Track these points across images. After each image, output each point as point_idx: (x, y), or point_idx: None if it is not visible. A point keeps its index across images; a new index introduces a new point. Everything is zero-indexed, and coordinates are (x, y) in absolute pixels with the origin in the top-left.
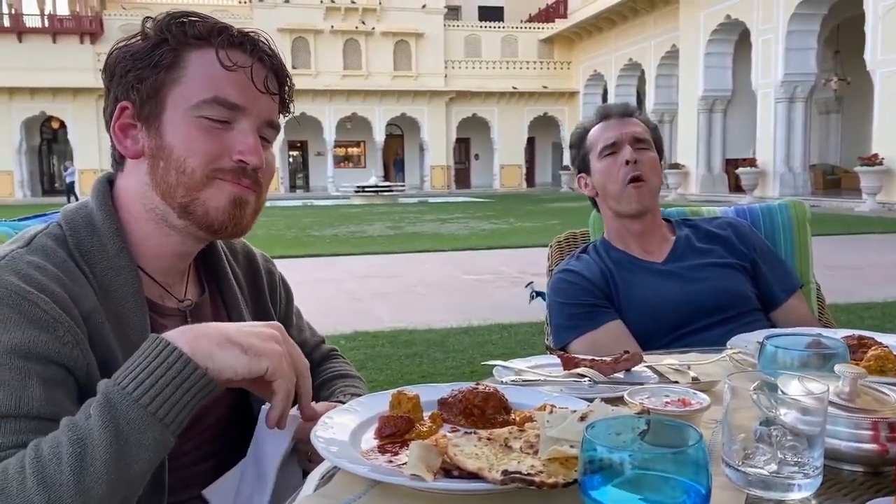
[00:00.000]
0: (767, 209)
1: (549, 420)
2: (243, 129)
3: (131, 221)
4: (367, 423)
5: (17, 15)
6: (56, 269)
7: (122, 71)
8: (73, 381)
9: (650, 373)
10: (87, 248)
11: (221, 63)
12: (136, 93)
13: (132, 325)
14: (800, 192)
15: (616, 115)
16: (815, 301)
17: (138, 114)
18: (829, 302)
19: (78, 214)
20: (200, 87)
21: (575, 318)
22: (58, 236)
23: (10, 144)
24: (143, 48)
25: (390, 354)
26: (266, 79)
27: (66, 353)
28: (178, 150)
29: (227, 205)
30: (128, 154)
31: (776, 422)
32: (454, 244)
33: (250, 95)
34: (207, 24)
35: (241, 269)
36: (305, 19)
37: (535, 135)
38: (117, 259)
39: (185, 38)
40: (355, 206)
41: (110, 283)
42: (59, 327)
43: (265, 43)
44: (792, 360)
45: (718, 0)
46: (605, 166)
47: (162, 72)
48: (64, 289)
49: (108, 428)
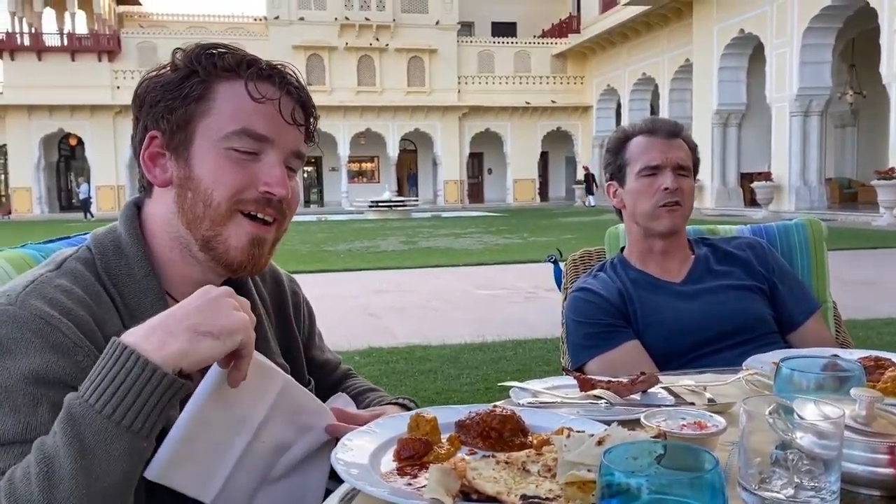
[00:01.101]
0: (784, 228)
1: (566, 444)
2: (270, 161)
3: (158, 247)
4: (385, 446)
5: (36, 34)
6: (83, 292)
7: (151, 101)
8: None
9: (666, 394)
10: (115, 271)
11: (250, 95)
12: (166, 123)
13: None
14: (816, 206)
15: (663, 133)
16: (831, 320)
17: (168, 144)
18: (846, 318)
19: (107, 238)
20: (229, 118)
21: (592, 338)
22: (87, 260)
23: (30, 161)
24: (174, 80)
25: (405, 370)
26: (293, 111)
27: (83, 378)
28: (205, 182)
29: (246, 244)
30: (157, 182)
31: (792, 445)
32: (468, 259)
33: (278, 127)
34: (237, 56)
35: (268, 291)
36: (320, 37)
37: (549, 149)
38: (145, 282)
39: (215, 69)
40: (369, 221)
41: (137, 306)
42: (79, 352)
43: (293, 75)
44: (808, 382)
45: (732, 14)
46: (642, 186)
47: (192, 103)
48: (89, 312)
49: (73, 444)
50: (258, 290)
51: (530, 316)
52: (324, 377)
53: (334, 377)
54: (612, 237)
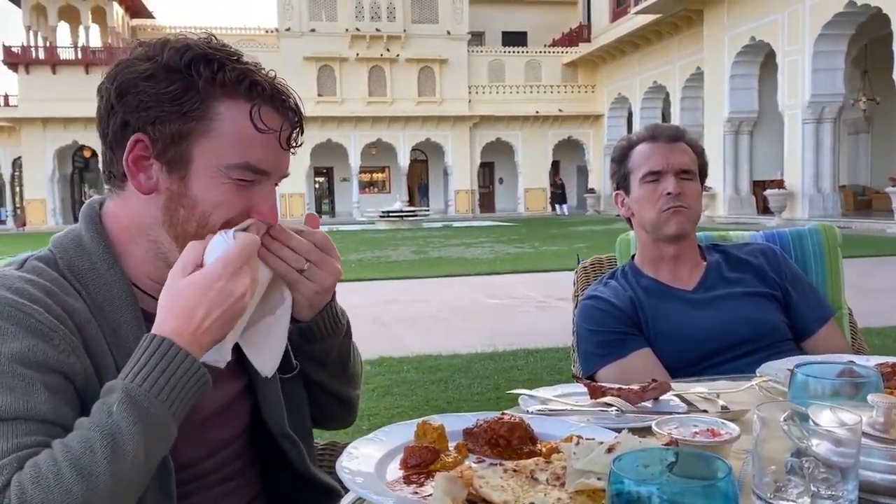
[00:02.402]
0: (797, 234)
1: (575, 452)
2: (265, 192)
3: (126, 243)
4: (392, 454)
5: (51, 48)
6: (48, 283)
7: (140, 102)
8: (72, 389)
9: (678, 401)
10: (77, 267)
11: (255, 125)
12: (158, 133)
13: (129, 335)
14: (829, 213)
15: (665, 138)
16: (847, 327)
17: (159, 154)
18: (862, 326)
19: (66, 238)
20: (232, 147)
21: (603, 346)
22: (48, 258)
23: (44, 173)
24: (172, 91)
25: (416, 380)
26: (290, 137)
27: (64, 360)
28: (203, 205)
29: None
30: (140, 189)
31: (808, 453)
32: (479, 268)
33: (276, 157)
34: (237, 71)
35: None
36: (331, 48)
37: (560, 158)
38: (109, 274)
39: (214, 84)
40: (380, 232)
41: (104, 299)
42: (55, 336)
43: (292, 98)
44: (823, 388)
45: (743, 22)
46: (645, 193)
47: (191, 122)
48: (56, 301)
49: (137, 423)
50: None
51: (542, 325)
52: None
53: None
54: (623, 244)
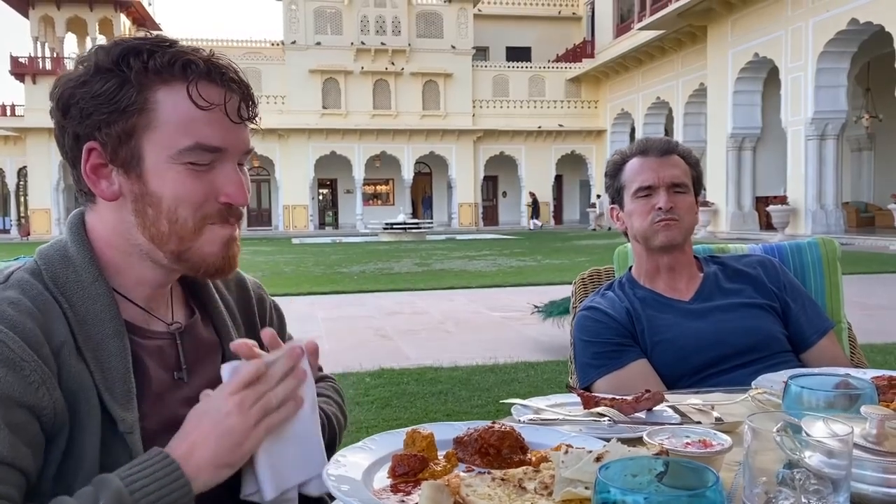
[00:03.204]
0: (797, 247)
1: (564, 460)
2: (226, 170)
3: (107, 253)
4: (380, 462)
5: (58, 58)
6: (31, 303)
7: (81, 111)
8: (36, 426)
9: (672, 412)
10: (62, 279)
11: (195, 103)
12: (105, 136)
13: (111, 351)
14: (832, 230)
15: (655, 152)
16: (846, 341)
17: (111, 158)
18: (864, 342)
19: (52, 249)
20: (177, 132)
21: (600, 357)
22: (34, 270)
23: (49, 183)
24: (107, 90)
25: (416, 392)
26: (239, 108)
27: (32, 393)
28: (167, 200)
29: (220, 249)
30: (105, 197)
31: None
32: (481, 281)
33: (229, 132)
34: (168, 54)
35: (233, 296)
36: (336, 61)
37: (563, 172)
38: (93, 287)
39: (147, 73)
40: (383, 243)
41: (87, 312)
42: (27, 366)
43: (232, 69)
44: (817, 400)
45: (746, 38)
46: (637, 207)
47: (133, 116)
48: (37, 323)
49: None
50: (221, 294)
51: (543, 338)
52: None
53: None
54: (622, 256)
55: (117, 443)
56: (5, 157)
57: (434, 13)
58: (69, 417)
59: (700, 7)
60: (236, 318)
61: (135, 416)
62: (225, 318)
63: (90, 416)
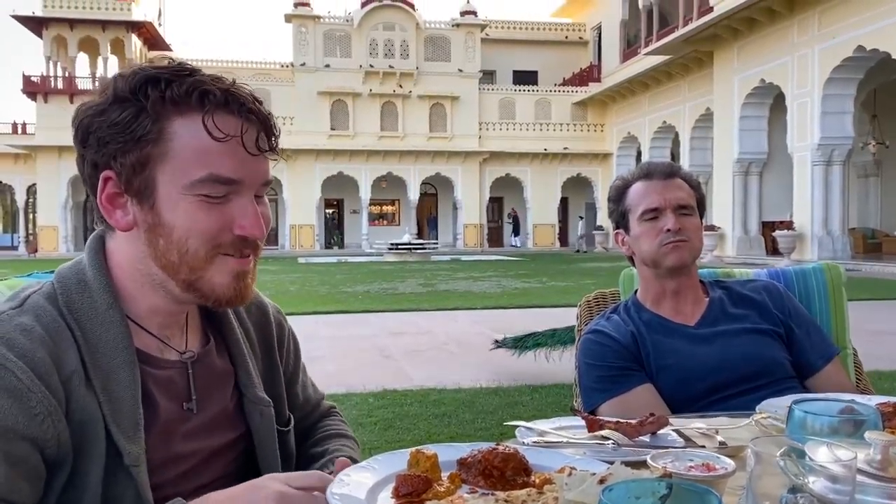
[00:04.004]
0: (802, 272)
1: (567, 483)
2: (242, 203)
3: (123, 280)
4: (384, 482)
5: (69, 78)
6: (43, 330)
7: (99, 140)
8: (37, 458)
9: (676, 436)
10: (77, 305)
11: (210, 134)
12: (120, 166)
13: (121, 381)
14: (839, 255)
15: (659, 175)
16: (851, 367)
17: (126, 187)
18: (871, 369)
19: (71, 272)
20: (192, 163)
21: (604, 381)
22: (50, 295)
23: (58, 201)
24: (123, 120)
25: (419, 414)
26: (257, 139)
27: (36, 426)
28: (178, 231)
29: (231, 280)
30: (119, 227)
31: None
32: (486, 302)
33: (245, 164)
34: (186, 84)
35: (252, 321)
36: (345, 83)
37: (569, 195)
38: (107, 314)
39: (164, 103)
40: (388, 264)
41: (99, 339)
42: (33, 397)
43: (250, 99)
44: (821, 425)
45: (752, 64)
46: (645, 230)
47: (148, 146)
48: (48, 351)
49: None
50: (241, 320)
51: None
52: (305, 415)
53: (315, 415)
54: (627, 279)
55: (121, 475)
56: (15, 175)
57: (442, 37)
58: (74, 448)
59: (706, 33)
60: (254, 343)
61: (141, 448)
62: (242, 346)
63: (95, 447)
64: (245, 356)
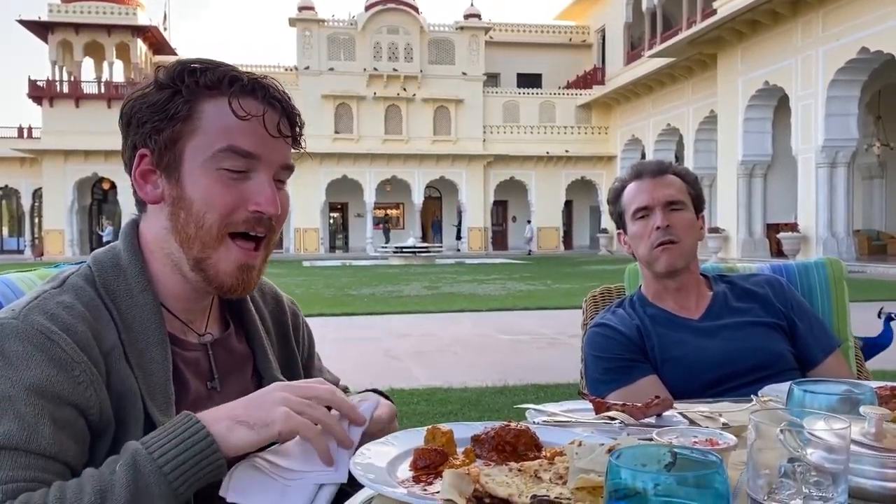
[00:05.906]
0: (804, 267)
1: (577, 452)
2: (260, 180)
3: (153, 262)
4: (403, 456)
5: (75, 82)
6: (83, 307)
7: (138, 121)
8: (82, 423)
9: (681, 418)
10: (112, 287)
11: (234, 113)
12: (154, 143)
13: (154, 359)
14: (844, 257)
15: (649, 173)
16: (853, 359)
17: (157, 162)
18: (876, 369)
19: (106, 256)
20: (215, 137)
21: (610, 373)
22: (87, 276)
23: (63, 205)
24: (160, 100)
25: (425, 412)
26: (279, 123)
27: (80, 392)
28: (197, 204)
29: (234, 270)
30: (148, 199)
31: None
32: (490, 305)
33: (265, 143)
34: (218, 72)
35: (268, 309)
36: (349, 86)
37: (573, 198)
38: (141, 297)
39: (198, 87)
40: (393, 267)
41: (133, 320)
42: (77, 367)
43: (275, 88)
44: (819, 404)
45: (756, 66)
46: (637, 229)
47: (178, 123)
48: (88, 327)
49: (130, 487)
50: (257, 306)
51: (553, 361)
52: None
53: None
54: (632, 274)
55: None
56: (21, 179)
57: (446, 40)
58: (115, 418)
59: (710, 36)
60: (270, 331)
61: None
62: (259, 331)
63: (134, 419)
64: (263, 341)
